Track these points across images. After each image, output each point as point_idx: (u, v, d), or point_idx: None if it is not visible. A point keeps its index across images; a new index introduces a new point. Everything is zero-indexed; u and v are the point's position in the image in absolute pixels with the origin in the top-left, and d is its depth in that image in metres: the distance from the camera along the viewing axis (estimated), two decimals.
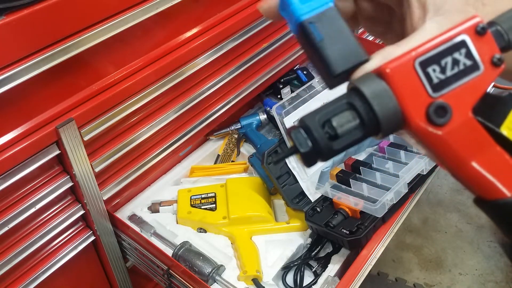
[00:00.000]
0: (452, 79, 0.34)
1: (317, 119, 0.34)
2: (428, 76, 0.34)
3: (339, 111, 0.35)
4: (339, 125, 0.34)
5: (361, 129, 0.34)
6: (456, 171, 0.36)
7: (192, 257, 1.11)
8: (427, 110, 0.34)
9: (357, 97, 0.34)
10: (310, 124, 0.34)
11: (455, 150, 0.34)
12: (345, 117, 0.34)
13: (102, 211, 1.12)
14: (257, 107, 1.60)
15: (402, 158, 1.24)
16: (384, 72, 0.34)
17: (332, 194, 1.16)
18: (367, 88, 0.34)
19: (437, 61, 0.34)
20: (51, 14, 0.83)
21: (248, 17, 1.27)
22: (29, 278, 1.03)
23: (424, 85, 0.34)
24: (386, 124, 0.34)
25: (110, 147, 1.09)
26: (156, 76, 1.10)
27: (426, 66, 0.34)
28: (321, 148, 0.34)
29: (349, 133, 0.34)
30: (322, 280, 1.11)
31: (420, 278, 1.97)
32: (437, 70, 0.34)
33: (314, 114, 0.35)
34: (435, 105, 0.33)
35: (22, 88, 0.85)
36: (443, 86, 0.34)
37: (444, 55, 0.34)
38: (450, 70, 0.34)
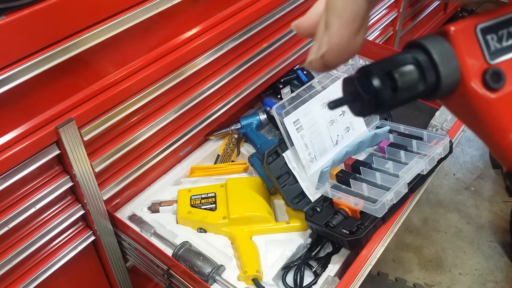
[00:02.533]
0: (507, 49, 0.36)
1: (381, 68, 0.35)
2: (487, 43, 0.36)
3: (403, 64, 0.35)
4: (401, 76, 0.35)
5: (421, 84, 0.35)
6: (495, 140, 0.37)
7: (192, 257, 1.11)
8: (483, 74, 0.35)
9: (422, 53, 0.35)
10: (375, 72, 0.34)
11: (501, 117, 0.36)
12: (408, 70, 0.35)
13: (102, 211, 1.12)
14: (257, 107, 1.60)
15: (402, 158, 1.24)
16: (448, 32, 0.35)
17: (332, 194, 1.16)
18: (433, 46, 0.35)
19: (495, 31, 0.36)
20: (51, 14, 0.83)
21: (248, 17, 1.28)
22: (29, 278, 1.03)
23: (483, 51, 0.36)
24: (446, 82, 0.35)
25: (110, 147, 1.09)
26: (156, 76, 1.10)
27: (485, 33, 0.36)
28: (383, 96, 0.35)
29: (409, 87, 0.35)
30: (322, 280, 1.11)
31: (420, 278, 1.97)
32: (494, 39, 0.36)
33: (378, 63, 0.35)
34: (491, 71, 0.35)
35: (22, 88, 0.85)
36: (499, 55, 0.36)
37: (503, 26, 0.36)
38: (505, 41, 0.37)
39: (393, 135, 1.32)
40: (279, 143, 1.23)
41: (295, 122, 1.23)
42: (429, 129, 1.44)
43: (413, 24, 2.45)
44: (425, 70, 0.35)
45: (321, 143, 1.27)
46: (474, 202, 2.27)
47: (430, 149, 1.21)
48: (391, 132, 1.34)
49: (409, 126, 1.32)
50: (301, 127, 1.24)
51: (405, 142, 1.28)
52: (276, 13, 1.37)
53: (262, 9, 1.31)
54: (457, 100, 0.37)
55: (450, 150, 1.23)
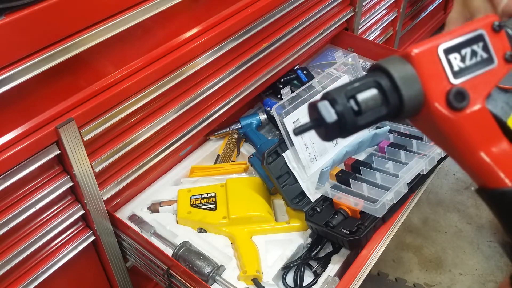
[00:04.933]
0: (470, 68, 0.37)
1: (343, 93, 0.35)
2: (450, 63, 0.36)
3: (365, 88, 0.36)
4: (364, 101, 0.35)
5: (385, 107, 0.36)
6: (464, 158, 0.38)
7: (192, 257, 1.11)
8: (447, 95, 0.36)
9: (384, 77, 0.36)
10: (337, 97, 0.35)
11: (468, 136, 0.36)
12: (371, 94, 0.35)
13: (102, 211, 1.12)
14: (257, 107, 1.60)
15: (402, 158, 1.24)
16: (409, 55, 0.36)
17: (332, 194, 1.16)
18: (395, 69, 0.35)
19: (458, 50, 0.37)
20: (51, 14, 0.83)
21: (248, 17, 1.28)
22: (29, 278, 1.03)
23: (446, 71, 0.36)
24: (409, 105, 0.36)
25: (110, 147, 1.09)
26: (156, 76, 1.10)
27: (448, 53, 0.36)
28: (346, 121, 0.35)
29: (372, 110, 0.36)
30: (322, 280, 1.11)
31: (420, 278, 1.97)
32: (457, 59, 0.37)
33: (340, 88, 0.36)
34: (455, 91, 0.36)
35: (22, 88, 0.85)
36: (462, 74, 0.37)
37: (465, 45, 0.37)
38: (469, 60, 0.37)
39: (393, 135, 1.32)
40: (279, 143, 1.23)
41: (295, 122, 1.23)
42: None
43: (413, 24, 2.45)
44: (388, 94, 0.35)
45: (321, 143, 1.27)
46: (474, 202, 2.27)
47: (430, 149, 1.21)
48: (391, 132, 1.34)
49: (409, 126, 1.32)
50: None
51: (405, 142, 1.28)
52: (276, 13, 1.37)
53: (262, 9, 1.31)
54: (423, 120, 0.37)
55: None
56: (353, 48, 1.79)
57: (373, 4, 1.95)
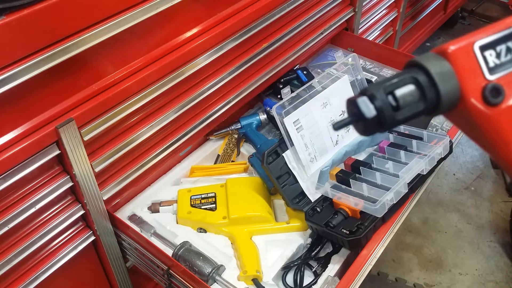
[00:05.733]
0: (505, 64, 0.38)
1: (382, 89, 0.36)
2: (486, 59, 0.37)
3: (403, 84, 0.36)
4: (402, 96, 0.36)
5: (422, 103, 0.37)
6: (500, 153, 0.38)
7: (192, 257, 1.11)
8: (483, 91, 0.37)
9: (422, 73, 0.36)
10: (376, 93, 0.36)
11: (504, 131, 0.37)
12: (409, 90, 0.36)
13: (102, 211, 1.12)
14: (257, 107, 1.60)
15: (402, 158, 1.24)
16: (446, 52, 0.36)
17: (332, 194, 1.16)
18: (432, 66, 0.36)
19: (493, 47, 0.37)
20: (51, 14, 0.83)
21: (248, 17, 1.28)
22: (29, 278, 1.03)
23: (482, 67, 0.37)
24: (446, 100, 0.37)
25: (110, 147, 1.09)
26: (156, 76, 1.10)
27: (484, 50, 0.37)
28: (385, 116, 0.36)
29: (410, 106, 0.37)
30: (322, 280, 1.11)
31: (420, 278, 1.97)
32: (493, 55, 0.37)
33: (379, 84, 0.37)
34: (490, 87, 0.37)
35: (22, 88, 0.85)
36: (498, 70, 0.37)
37: (500, 42, 0.37)
38: (504, 56, 0.38)
39: (393, 135, 1.32)
40: (279, 143, 1.23)
41: (295, 122, 1.23)
42: (429, 129, 1.44)
43: (413, 24, 2.45)
44: (425, 90, 0.36)
45: (321, 143, 1.27)
46: (474, 202, 2.27)
47: (430, 149, 1.21)
48: (391, 132, 1.34)
49: (409, 126, 1.32)
50: (301, 127, 1.24)
51: (405, 142, 1.28)
52: (276, 13, 1.37)
53: (262, 9, 1.31)
54: (459, 115, 0.38)
55: (450, 150, 1.23)
56: (353, 48, 1.79)
57: (373, 4, 1.95)
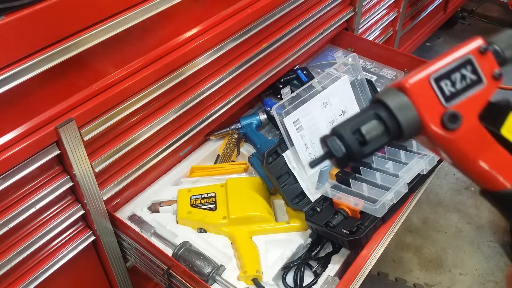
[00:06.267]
0: (461, 91, 0.41)
1: (349, 128, 0.40)
2: (442, 89, 0.40)
3: (367, 121, 0.40)
4: (367, 132, 0.40)
5: (386, 135, 0.40)
6: (465, 168, 0.42)
7: (192, 257, 1.11)
8: (441, 118, 0.40)
9: (382, 109, 0.40)
10: (343, 133, 0.40)
11: (465, 151, 0.41)
12: (372, 125, 0.40)
13: (102, 211, 1.12)
14: (257, 107, 1.60)
15: (402, 158, 1.24)
16: (404, 86, 0.40)
17: (332, 194, 1.16)
18: (391, 101, 0.40)
19: (448, 77, 0.41)
20: (51, 14, 0.83)
21: (248, 17, 1.28)
22: (29, 278, 1.03)
23: (438, 97, 0.41)
24: (407, 130, 0.40)
25: (110, 147, 1.09)
26: (156, 76, 1.10)
27: (439, 81, 0.40)
28: (353, 152, 0.40)
29: (376, 139, 0.40)
30: (322, 280, 1.11)
31: (420, 278, 1.97)
32: (448, 84, 0.40)
33: (345, 124, 0.40)
34: (448, 114, 0.40)
35: (22, 88, 0.85)
36: (454, 97, 0.41)
37: (454, 71, 0.41)
38: (459, 84, 0.41)
39: None
40: (279, 143, 1.23)
41: (295, 122, 1.23)
42: None
43: (413, 24, 2.45)
44: (387, 123, 0.40)
45: None
46: (474, 202, 2.27)
47: None
48: None
49: None
50: (301, 127, 1.24)
51: (405, 142, 1.28)
52: (276, 13, 1.37)
53: (262, 9, 1.31)
54: (424, 139, 0.42)
55: None
56: (353, 48, 1.79)
57: (373, 4, 1.95)
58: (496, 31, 1.11)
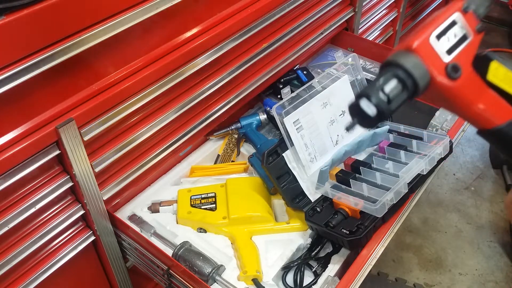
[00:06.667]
0: (455, 45, 0.49)
1: (375, 89, 0.46)
2: (441, 46, 0.48)
3: (388, 81, 0.46)
4: (391, 91, 0.46)
5: (405, 92, 0.47)
6: (466, 112, 0.51)
7: (192, 257, 1.11)
8: (446, 70, 0.48)
9: (399, 69, 0.46)
10: (371, 94, 0.46)
11: (467, 95, 0.49)
12: (394, 84, 0.47)
13: (102, 211, 1.12)
14: (257, 107, 1.60)
15: (402, 158, 1.24)
16: (412, 47, 0.46)
17: (332, 194, 1.16)
18: (405, 61, 0.46)
19: (444, 34, 0.48)
20: (51, 14, 0.83)
21: (248, 17, 1.28)
22: (29, 278, 1.03)
23: (440, 53, 0.48)
24: (421, 85, 0.47)
25: (110, 147, 1.09)
26: (156, 76, 1.10)
27: (438, 39, 0.48)
28: (383, 110, 0.46)
29: (398, 96, 0.47)
30: (322, 280, 1.11)
31: (420, 278, 1.97)
32: (445, 41, 0.48)
33: (370, 86, 0.46)
34: (450, 66, 0.48)
35: (22, 88, 0.85)
36: (451, 51, 0.49)
37: (448, 29, 0.48)
38: (453, 39, 0.49)
39: (393, 135, 1.32)
40: (279, 143, 1.23)
41: (295, 122, 1.23)
42: (429, 129, 1.44)
43: (413, 24, 2.45)
44: (406, 81, 0.46)
45: (321, 143, 1.27)
46: (474, 202, 2.27)
47: (430, 149, 1.21)
48: (391, 132, 1.34)
49: (409, 126, 1.32)
50: (301, 127, 1.24)
51: (405, 142, 1.28)
52: (276, 13, 1.37)
53: (262, 9, 1.31)
54: (432, 92, 0.49)
55: (450, 150, 1.23)
56: (353, 48, 1.79)
57: (373, 4, 1.95)
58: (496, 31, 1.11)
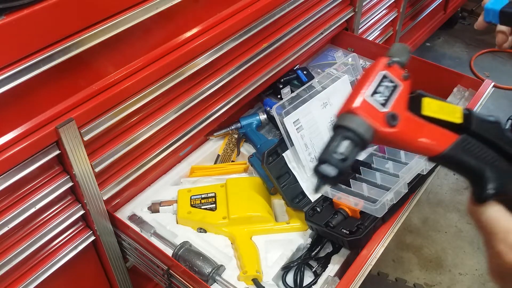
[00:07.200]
0: (389, 97, 0.57)
1: (331, 154, 0.53)
2: (376, 100, 0.56)
3: (340, 143, 0.54)
4: (345, 151, 0.53)
5: (356, 148, 0.54)
6: (411, 148, 0.58)
7: (192, 257, 1.11)
8: (385, 120, 0.55)
9: (346, 131, 0.54)
10: (329, 158, 0.53)
11: (408, 136, 0.56)
12: (346, 145, 0.54)
13: (102, 211, 1.12)
14: (257, 107, 1.60)
15: (402, 158, 1.24)
16: (353, 110, 0.54)
17: (332, 194, 1.16)
18: (350, 123, 0.54)
19: (376, 91, 0.56)
20: (51, 14, 0.83)
21: (248, 17, 1.27)
22: (29, 278, 1.03)
23: (377, 107, 0.55)
24: (368, 139, 0.54)
25: (110, 147, 1.09)
26: (156, 76, 1.10)
27: (372, 95, 0.56)
28: (341, 169, 0.53)
29: (351, 153, 0.54)
30: (322, 280, 1.11)
31: (420, 278, 1.97)
32: (379, 96, 0.56)
33: (327, 152, 0.54)
34: (388, 116, 0.55)
35: (22, 88, 0.85)
36: (387, 103, 0.56)
37: (379, 86, 0.57)
38: (385, 92, 0.57)
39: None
40: (279, 143, 1.23)
41: (295, 122, 1.23)
42: None
43: (413, 24, 2.45)
44: (355, 140, 0.54)
45: (321, 143, 1.27)
46: None
47: None
48: None
49: None
50: (301, 127, 1.24)
51: None
52: (276, 13, 1.37)
53: (262, 9, 1.31)
54: (379, 139, 0.56)
55: None
56: (353, 48, 1.79)
57: (373, 4, 1.95)
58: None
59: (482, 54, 3.19)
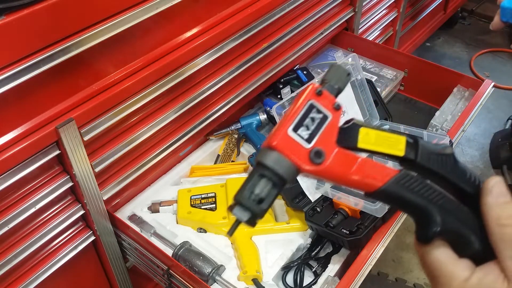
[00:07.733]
0: (315, 130, 0.49)
1: (244, 194, 0.47)
2: (300, 135, 0.49)
3: (256, 183, 0.47)
4: (260, 192, 0.47)
5: (275, 188, 0.48)
6: (345, 183, 0.51)
7: (192, 257, 1.11)
8: (309, 157, 0.48)
9: (264, 168, 0.48)
10: (242, 200, 0.47)
11: (338, 173, 0.50)
12: (262, 185, 0.47)
13: (102, 211, 1.12)
14: (257, 107, 1.60)
15: None
16: (272, 145, 0.48)
17: (332, 194, 1.16)
18: (267, 160, 0.48)
19: (301, 124, 0.49)
20: (51, 14, 0.83)
21: (248, 17, 1.28)
22: (29, 278, 1.03)
23: (300, 143, 0.48)
24: (289, 177, 0.48)
25: (110, 147, 1.09)
26: (156, 76, 1.10)
27: (296, 130, 0.48)
28: (255, 212, 0.47)
29: (269, 194, 0.47)
30: (322, 280, 1.11)
31: (420, 278, 1.97)
32: (304, 130, 0.49)
33: (241, 192, 0.48)
34: (313, 152, 0.48)
35: (22, 88, 0.85)
36: (312, 138, 0.49)
37: (304, 118, 0.49)
38: (311, 125, 0.49)
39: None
40: None
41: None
42: (429, 129, 1.44)
43: (413, 24, 2.45)
44: (272, 179, 0.47)
45: None
46: None
47: None
48: None
49: (409, 126, 1.32)
50: None
51: None
52: (276, 13, 1.37)
53: (262, 9, 1.31)
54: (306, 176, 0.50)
55: None
56: (353, 48, 1.79)
57: (373, 4, 1.95)
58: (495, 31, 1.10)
59: (482, 54, 3.19)
